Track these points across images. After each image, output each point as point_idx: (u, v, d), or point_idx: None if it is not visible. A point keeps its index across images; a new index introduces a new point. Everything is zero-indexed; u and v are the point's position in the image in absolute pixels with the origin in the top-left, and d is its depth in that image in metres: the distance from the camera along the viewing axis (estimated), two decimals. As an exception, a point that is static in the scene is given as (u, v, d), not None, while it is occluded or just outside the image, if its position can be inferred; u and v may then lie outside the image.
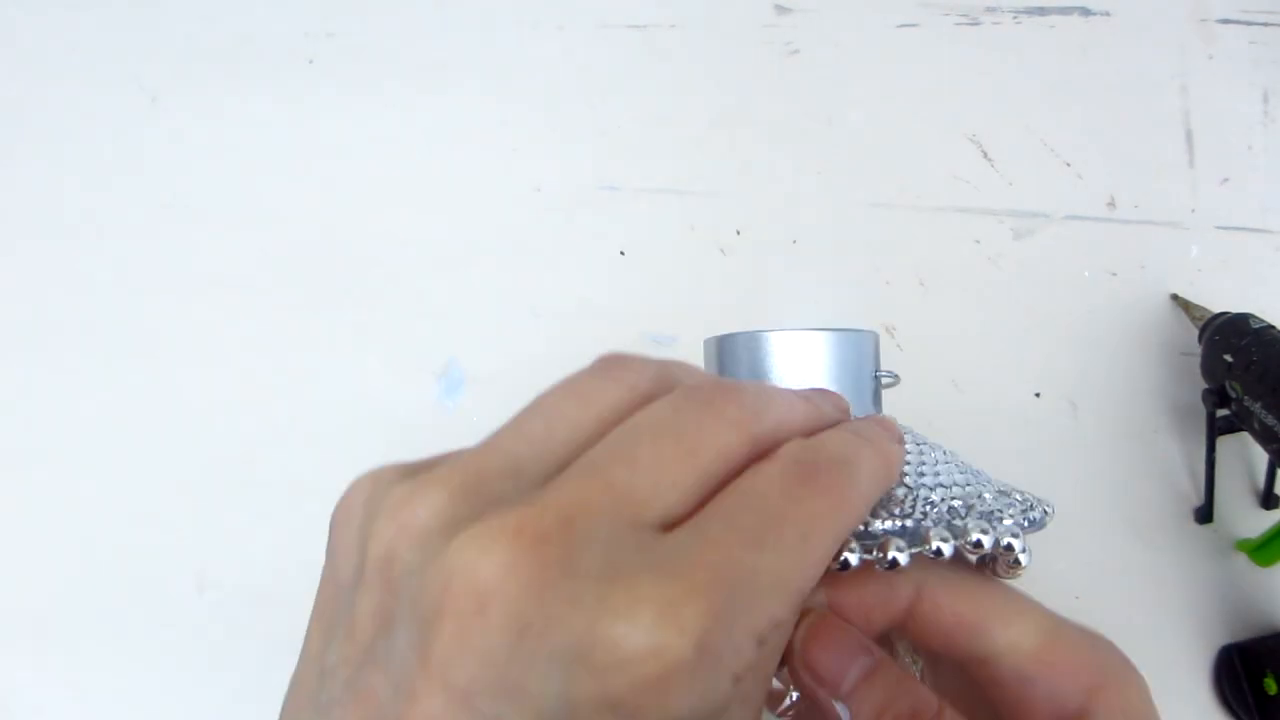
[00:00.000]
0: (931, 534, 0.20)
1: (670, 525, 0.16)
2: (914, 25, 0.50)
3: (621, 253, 0.46)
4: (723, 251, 0.46)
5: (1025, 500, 0.23)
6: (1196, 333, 0.43)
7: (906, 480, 0.22)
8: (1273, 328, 0.40)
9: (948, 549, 0.20)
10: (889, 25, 0.50)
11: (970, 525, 0.21)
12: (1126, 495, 0.43)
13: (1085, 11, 0.50)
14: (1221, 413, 0.41)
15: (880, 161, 0.48)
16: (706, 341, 0.29)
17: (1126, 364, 0.45)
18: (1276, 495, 0.42)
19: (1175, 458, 0.44)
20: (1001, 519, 0.22)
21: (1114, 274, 0.46)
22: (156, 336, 0.44)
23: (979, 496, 0.23)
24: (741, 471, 0.18)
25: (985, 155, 0.48)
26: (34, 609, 0.41)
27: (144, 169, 0.47)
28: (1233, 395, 0.40)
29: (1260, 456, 0.43)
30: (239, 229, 0.46)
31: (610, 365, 0.20)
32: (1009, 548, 0.21)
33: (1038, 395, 0.44)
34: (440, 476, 0.17)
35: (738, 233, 0.46)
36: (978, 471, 0.25)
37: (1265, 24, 0.50)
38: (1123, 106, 0.49)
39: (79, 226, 0.46)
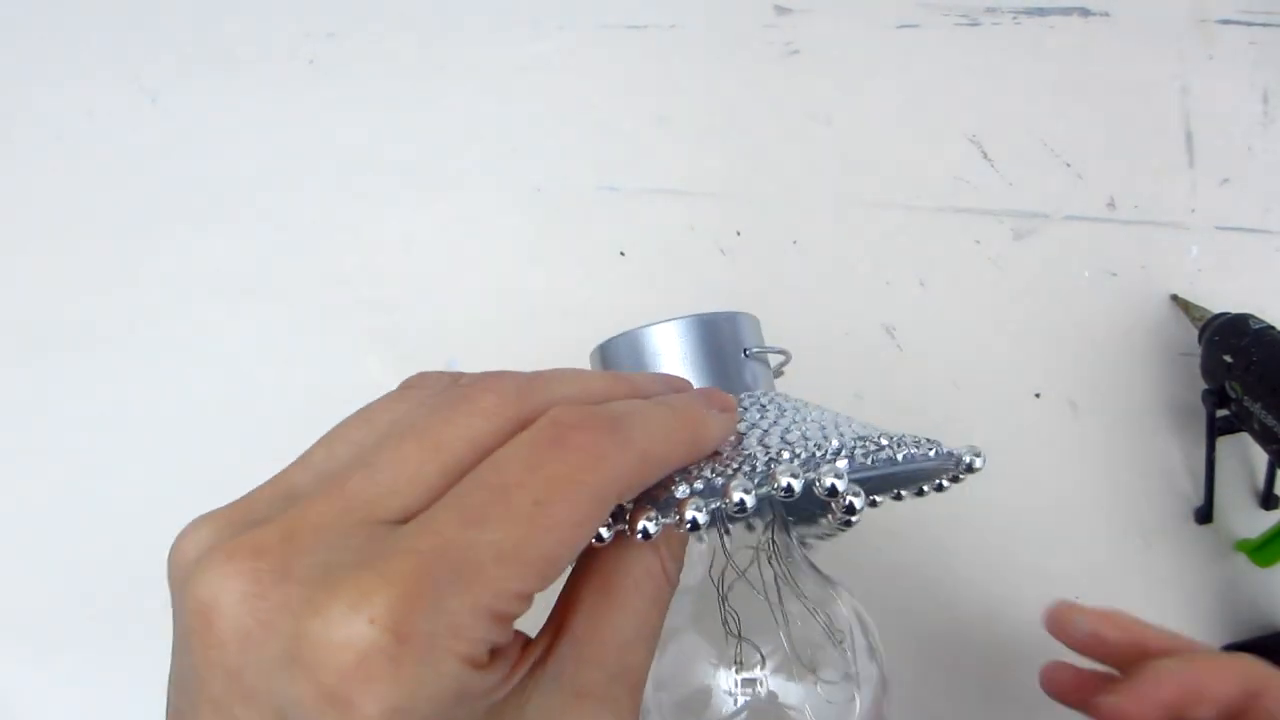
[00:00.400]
0: (732, 485, 0.19)
1: (411, 519, 0.17)
2: (914, 25, 0.50)
3: (621, 253, 0.46)
4: (723, 251, 0.46)
5: (900, 442, 0.22)
6: (1196, 333, 0.43)
7: (743, 444, 0.21)
8: (1272, 328, 0.40)
9: (749, 499, 0.18)
10: (889, 25, 0.50)
11: (780, 469, 0.19)
12: (1126, 495, 0.43)
13: (1085, 12, 0.50)
14: (1221, 413, 0.41)
15: (880, 161, 0.48)
16: (591, 353, 0.30)
17: (1126, 364, 0.45)
18: (1276, 495, 0.42)
19: (1175, 458, 0.44)
20: (833, 461, 0.20)
21: (1114, 274, 0.46)
22: (156, 336, 0.44)
23: (820, 445, 0.21)
24: None
25: (985, 155, 0.48)
26: (34, 609, 0.41)
27: (144, 169, 0.47)
28: (1233, 395, 0.40)
29: (1260, 457, 0.43)
30: (239, 229, 0.46)
31: (406, 383, 0.21)
32: (831, 490, 0.19)
33: (1038, 395, 0.44)
34: (216, 514, 0.18)
35: (738, 233, 0.46)
36: (861, 425, 0.24)
37: (1265, 24, 0.50)
38: (1123, 106, 0.49)
39: (78, 226, 0.46)
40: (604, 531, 0.19)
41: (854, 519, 0.19)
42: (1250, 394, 0.39)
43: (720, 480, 0.20)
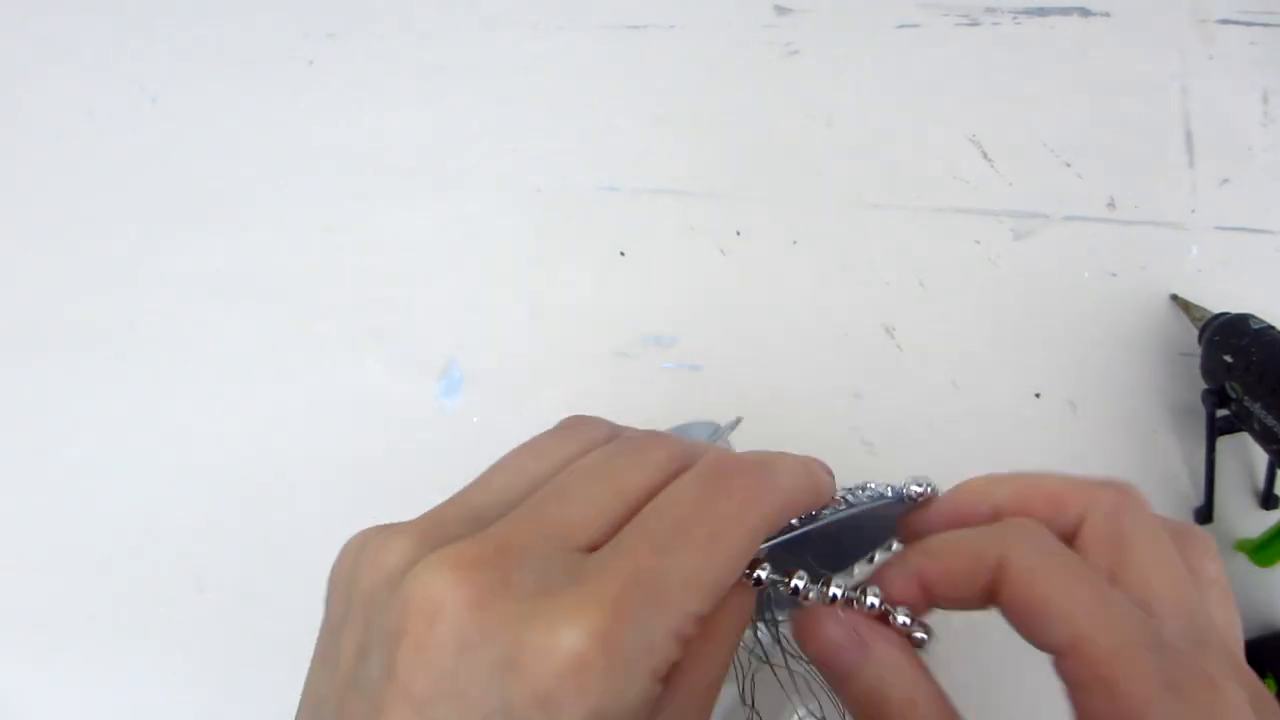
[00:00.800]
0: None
1: (598, 548, 0.19)
2: (914, 25, 0.50)
3: (621, 253, 0.46)
4: (723, 251, 0.46)
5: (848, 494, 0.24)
6: (1196, 333, 0.43)
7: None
8: (1273, 328, 0.40)
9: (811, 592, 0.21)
10: (889, 25, 0.50)
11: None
12: (1126, 495, 0.43)
13: (1085, 11, 0.50)
14: (1221, 413, 0.41)
15: (880, 161, 0.48)
16: None
17: (1126, 364, 0.45)
18: (1276, 496, 0.42)
19: (1175, 458, 0.44)
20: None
21: (1114, 274, 0.46)
22: (156, 337, 0.44)
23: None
24: None
25: (985, 155, 0.48)
26: (34, 609, 0.41)
27: (144, 169, 0.47)
28: (1233, 396, 0.40)
29: (1260, 457, 0.43)
30: (239, 229, 0.46)
31: (569, 425, 0.23)
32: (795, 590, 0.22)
33: (1038, 395, 0.44)
34: (407, 527, 0.19)
35: (738, 233, 0.46)
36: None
37: (1265, 24, 0.50)
38: (1123, 106, 0.49)
39: (78, 226, 0.46)
40: (762, 574, 0.21)
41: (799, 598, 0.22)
42: (1250, 394, 0.38)
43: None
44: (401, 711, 0.17)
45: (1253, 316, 0.41)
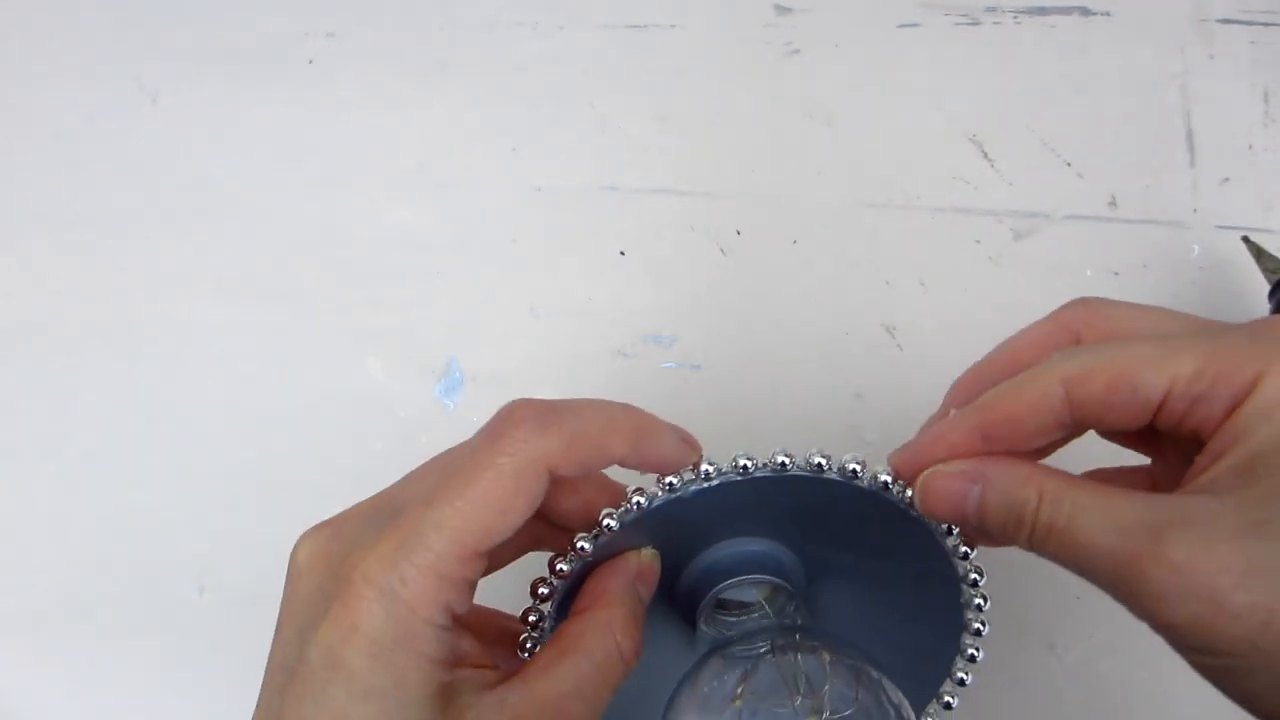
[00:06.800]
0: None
1: None
2: (914, 25, 0.50)
3: (621, 253, 0.46)
4: (723, 251, 0.46)
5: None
6: (1266, 289, 0.41)
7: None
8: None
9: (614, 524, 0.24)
10: (889, 25, 0.50)
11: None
12: (1127, 495, 0.43)
13: (1085, 11, 0.50)
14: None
15: (880, 161, 0.48)
16: None
17: (1127, 364, 0.45)
18: None
19: (1176, 458, 0.44)
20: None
21: (1116, 273, 0.46)
22: (156, 336, 0.44)
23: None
24: None
25: (985, 155, 0.48)
26: (34, 609, 0.41)
27: (144, 169, 0.47)
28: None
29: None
30: (239, 229, 0.46)
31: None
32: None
33: (1038, 395, 0.44)
34: (326, 524, 0.24)
35: (738, 233, 0.46)
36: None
37: (1265, 24, 0.50)
38: (1123, 106, 0.49)
39: (79, 226, 0.46)
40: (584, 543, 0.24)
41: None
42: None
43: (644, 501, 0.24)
44: (284, 633, 0.23)
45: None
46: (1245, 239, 0.43)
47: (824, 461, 0.24)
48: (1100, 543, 0.20)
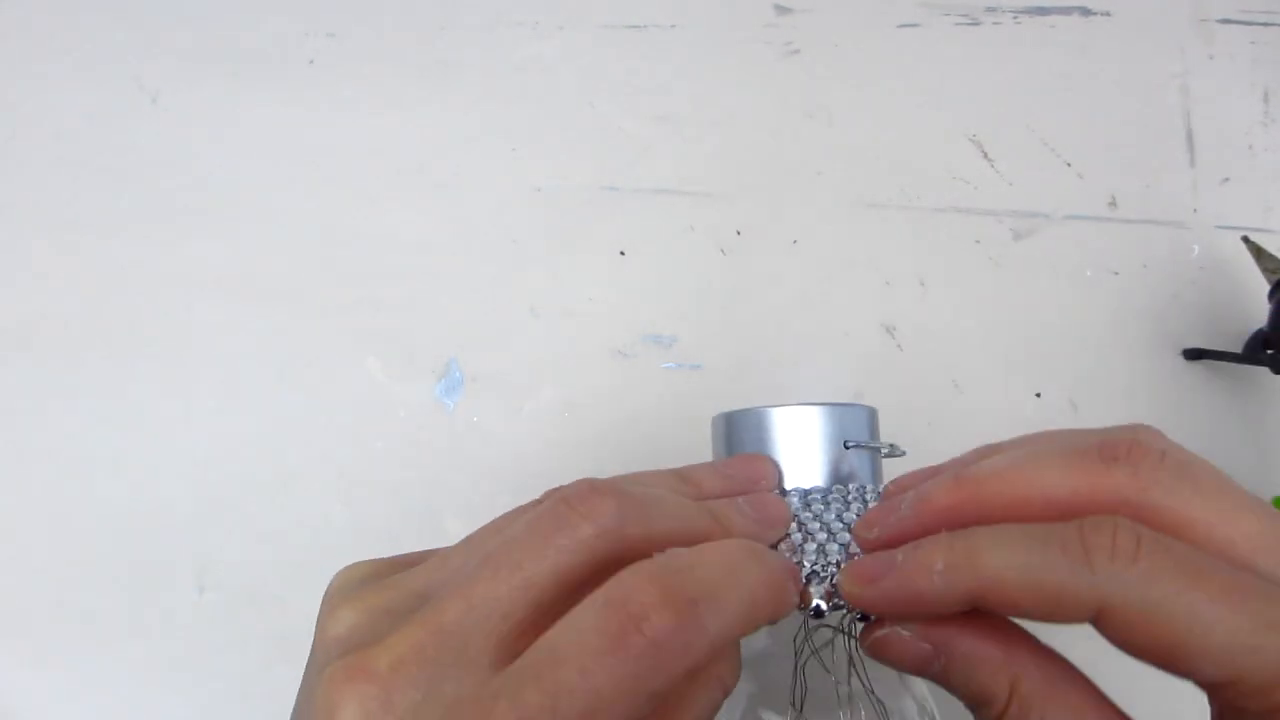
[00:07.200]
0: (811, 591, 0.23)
1: (508, 653, 0.19)
2: (914, 25, 0.50)
3: (621, 253, 0.46)
4: (723, 251, 0.46)
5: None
6: (1267, 292, 0.41)
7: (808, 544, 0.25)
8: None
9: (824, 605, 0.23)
10: (889, 25, 0.50)
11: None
12: (1127, 495, 0.43)
13: (1085, 11, 0.50)
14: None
15: (880, 161, 0.48)
16: (714, 419, 0.30)
17: (1128, 364, 0.45)
18: None
19: (1176, 458, 0.44)
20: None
21: (1116, 273, 0.46)
22: (156, 336, 0.44)
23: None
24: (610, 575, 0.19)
25: (985, 155, 0.48)
26: (34, 609, 0.41)
27: (144, 169, 0.47)
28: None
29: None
30: (239, 229, 0.46)
31: (546, 495, 0.22)
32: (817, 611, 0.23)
33: (1038, 395, 0.44)
34: (359, 593, 0.20)
35: (738, 233, 0.46)
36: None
37: (1265, 24, 0.50)
38: (1123, 106, 0.49)
39: (79, 226, 0.46)
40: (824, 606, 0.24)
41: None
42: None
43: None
44: None
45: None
46: (1245, 239, 0.43)
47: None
48: None
